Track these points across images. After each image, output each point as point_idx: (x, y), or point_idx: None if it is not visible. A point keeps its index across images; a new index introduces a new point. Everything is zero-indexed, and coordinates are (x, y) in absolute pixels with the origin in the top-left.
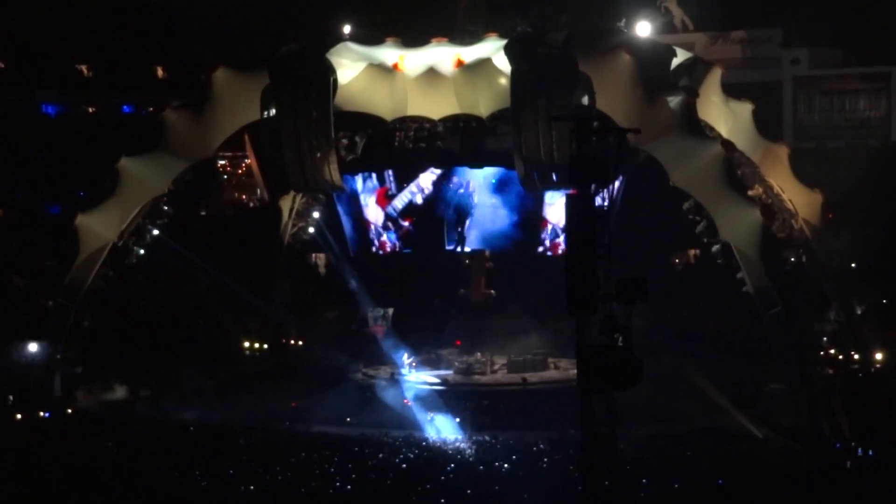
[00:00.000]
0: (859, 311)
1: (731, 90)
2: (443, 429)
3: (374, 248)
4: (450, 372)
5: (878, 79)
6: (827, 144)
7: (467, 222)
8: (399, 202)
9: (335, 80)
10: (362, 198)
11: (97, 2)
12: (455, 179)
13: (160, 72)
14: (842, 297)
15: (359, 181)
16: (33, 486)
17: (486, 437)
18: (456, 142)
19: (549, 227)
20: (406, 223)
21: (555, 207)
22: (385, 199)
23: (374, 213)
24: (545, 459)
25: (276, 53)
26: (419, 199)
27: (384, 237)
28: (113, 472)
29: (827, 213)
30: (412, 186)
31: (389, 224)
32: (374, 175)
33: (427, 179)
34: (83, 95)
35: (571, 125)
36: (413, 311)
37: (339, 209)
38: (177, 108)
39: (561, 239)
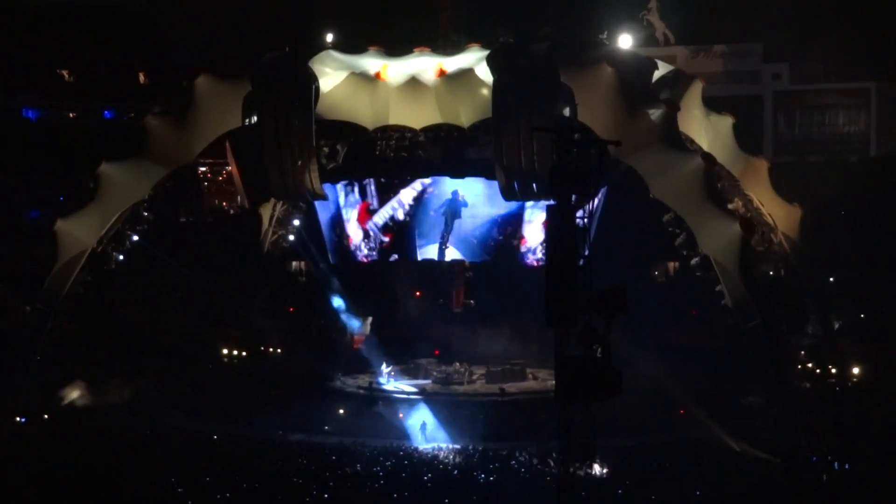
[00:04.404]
0: (837, 326)
1: (712, 104)
2: (421, 438)
3: (354, 258)
4: (428, 381)
5: (857, 94)
6: (807, 159)
7: (452, 229)
8: (380, 218)
9: (317, 89)
10: (344, 212)
11: (79, 7)
12: (444, 188)
13: (142, 77)
14: (820, 312)
15: (341, 195)
16: (8, 494)
17: (465, 447)
18: (437, 151)
19: (526, 244)
20: (387, 238)
21: (533, 225)
22: (367, 213)
23: (355, 228)
24: (523, 470)
25: (258, 61)
26: (400, 215)
27: (365, 250)
28: (88, 478)
29: (806, 228)
30: (393, 202)
31: (370, 238)
32: (356, 189)
33: (408, 195)
34: (64, 100)
35: (553, 136)
36: (392, 321)
37: (320, 219)
38: (158, 115)
39: (538, 256)
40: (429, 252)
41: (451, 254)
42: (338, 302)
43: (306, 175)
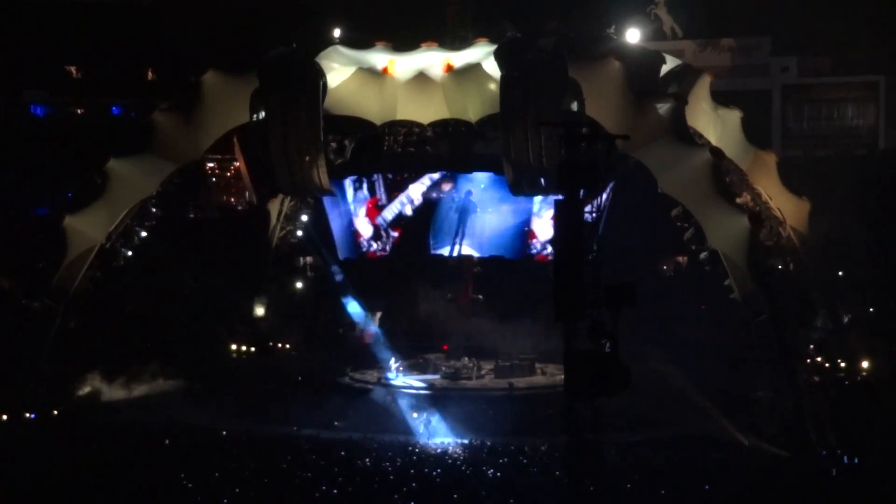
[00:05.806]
0: (846, 320)
1: (720, 97)
2: (430, 433)
3: (363, 254)
4: (437, 377)
5: (866, 88)
6: (815, 152)
7: (465, 225)
8: (389, 213)
9: (325, 84)
10: (353, 207)
11: (86, 3)
12: (455, 185)
13: (150, 73)
14: (829, 306)
15: (349, 191)
16: (18, 489)
17: (473, 442)
18: (445, 146)
19: (536, 239)
20: (395, 233)
21: (543, 220)
22: (375, 209)
23: (363, 223)
24: (532, 465)
25: (265, 56)
26: (409, 210)
27: (374, 246)
28: (97, 473)
29: (814, 222)
30: (402, 197)
31: (379, 234)
32: (364, 185)
33: (417, 190)
34: (72, 96)
35: (561, 131)
36: (401, 316)
37: (329, 214)
38: (166, 111)
39: (548, 251)
40: (443, 248)
41: (464, 250)
42: (346, 298)
43: (314, 170)
